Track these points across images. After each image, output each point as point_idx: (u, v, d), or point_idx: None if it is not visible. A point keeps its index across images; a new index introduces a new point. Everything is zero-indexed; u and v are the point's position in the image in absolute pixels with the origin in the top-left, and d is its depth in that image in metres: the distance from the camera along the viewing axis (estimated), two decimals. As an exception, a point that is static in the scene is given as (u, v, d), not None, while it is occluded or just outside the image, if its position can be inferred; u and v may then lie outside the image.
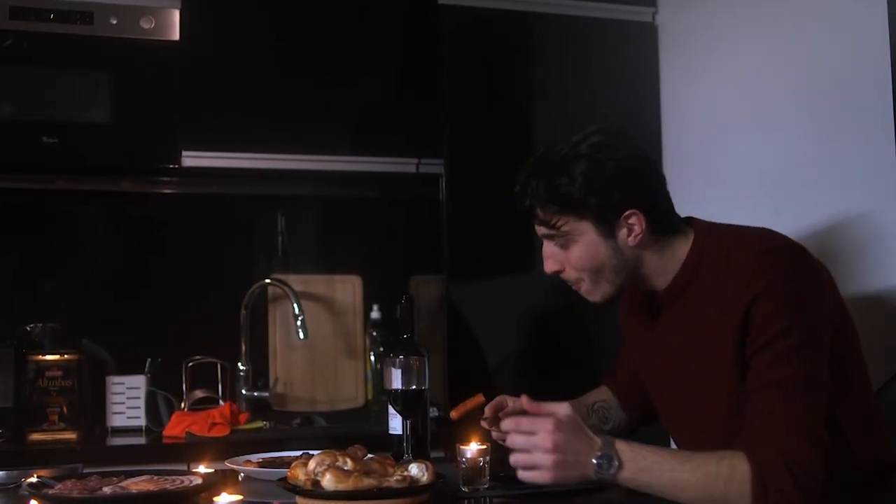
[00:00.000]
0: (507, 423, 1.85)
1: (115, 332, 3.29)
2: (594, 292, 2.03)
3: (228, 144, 3.13)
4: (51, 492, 1.84)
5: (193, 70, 3.10)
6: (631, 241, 1.98)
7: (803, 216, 2.81)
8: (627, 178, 1.97)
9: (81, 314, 3.31)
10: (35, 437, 2.89)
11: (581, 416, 2.12)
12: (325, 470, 1.76)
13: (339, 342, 3.45)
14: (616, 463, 1.79)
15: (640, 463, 1.80)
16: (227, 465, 2.22)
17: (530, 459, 1.78)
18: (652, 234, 1.99)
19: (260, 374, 3.37)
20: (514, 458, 1.80)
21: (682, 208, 2.17)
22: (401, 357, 2.13)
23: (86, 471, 2.13)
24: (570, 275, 2.03)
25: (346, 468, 1.77)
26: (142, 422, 3.08)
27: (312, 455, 1.84)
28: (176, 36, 3.08)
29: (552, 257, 2.03)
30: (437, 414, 2.98)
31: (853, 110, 2.66)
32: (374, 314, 3.42)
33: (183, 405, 3.15)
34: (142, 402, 3.09)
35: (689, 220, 2.08)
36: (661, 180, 2.04)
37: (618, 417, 2.34)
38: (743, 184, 3.03)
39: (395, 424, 2.27)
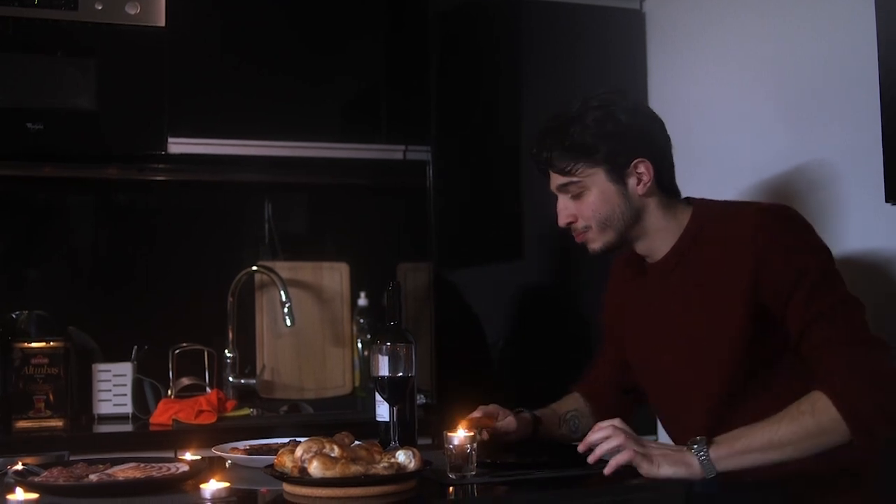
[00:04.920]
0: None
1: (101, 319, 3.29)
2: (598, 240, 2.13)
3: (215, 131, 3.11)
4: (37, 479, 1.84)
5: (180, 56, 3.08)
6: (640, 189, 2.10)
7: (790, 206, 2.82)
8: (636, 128, 2.11)
9: (68, 301, 3.31)
10: (21, 424, 2.88)
11: (553, 425, 2.30)
12: (312, 457, 1.75)
13: (327, 329, 3.45)
14: (705, 444, 1.86)
15: (726, 434, 1.88)
16: (215, 452, 2.22)
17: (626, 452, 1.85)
18: (658, 188, 2.12)
19: (247, 362, 3.37)
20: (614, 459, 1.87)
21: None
22: (388, 344, 2.12)
23: (72, 458, 2.12)
24: (580, 224, 2.13)
25: (333, 455, 1.77)
26: (128, 409, 3.08)
27: (299, 442, 1.84)
28: (162, 22, 3.06)
29: (565, 209, 2.14)
30: (424, 401, 2.98)
31: (841, 100, 2.67)
32: (362, 301, 3.42)
33: (170, 392, 3.15)
34: (128, 390, 3.08)
35: (688, 198, 2.20)
36: (667, 138, 2.17)
37: (588, 426, 2.31)
38: (729, 172, 3.03)
39: (382, 411, 2.27)
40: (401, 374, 2.11)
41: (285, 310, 3.22)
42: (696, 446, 1.87)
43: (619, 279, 2.35)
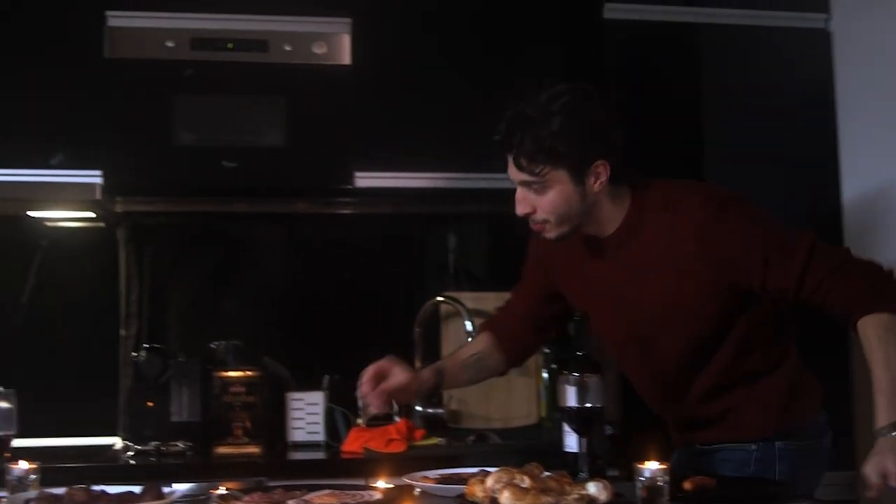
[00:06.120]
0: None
1: (293, 348, 3.39)
2: (553, 231, 2.27)
3: (400, 164, 3.18)
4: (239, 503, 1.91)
5: (364, 92, 3.17)
6: (597, 186, 2.23)
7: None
8: (600, 132, 2.22)
9: (261, 331, 3.43)
10: (221, 450, 2.99)
11: (455, 373, 2.57)
12: (503, 487, 1.76)
13: (512, 359, 3.45)
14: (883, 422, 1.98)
15: (881, 409, 1.99)
16: (405, 480, 2.25)
17: None
18: (610, 183, 2.24)
19: (434, 392, 3.40)
20: None
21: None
22: (576, 374, 2.11)
23: (270, 484, 2.19)
24: (538, 216, 2.26)
25: (523, 485, 1.78)
26: (321, 437, 3.15)
27: (489, 472, 1.85)
28: (347, 60, 3.16)
29: (524, 201, 2.26)
30: (611, 432, 2.95)
31: None
32: (546, 331, 3.40)
33: (360, 421, 3.21)
34: (320, 418, 3.16)
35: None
36: (622, 134, 2.27)
37: (492, 365, 2.61)
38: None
39: (571, 442, 2.25)
40: (589, 404, 2.10)
41: (470, 340, 3.24)
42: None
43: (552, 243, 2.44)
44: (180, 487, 2.12)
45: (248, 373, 3.05)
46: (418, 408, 3.31)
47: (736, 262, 2.17)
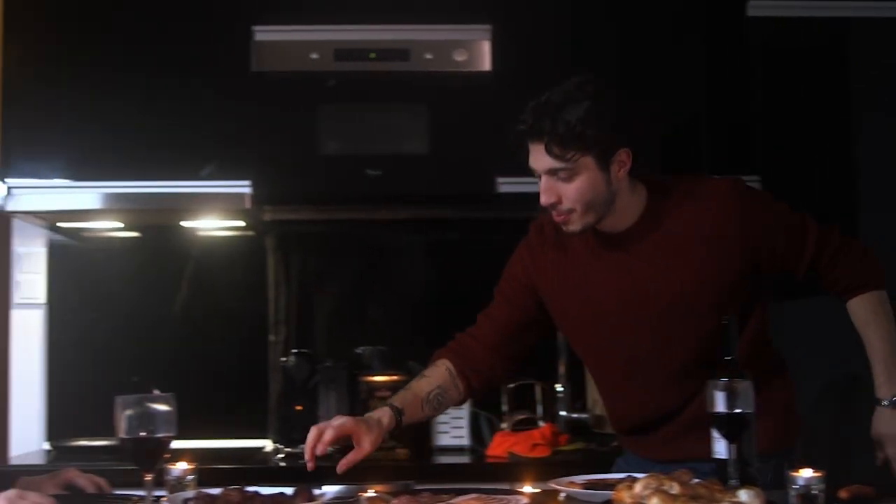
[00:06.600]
0: None
1: (437, 354, 3.42)
2: (578, 221, 2.27)
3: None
4: (390, 507, 1.93)
5: (505, 98, 3.16)
6: (621, 174, 2.26)
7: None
8: (625, 120, 2.26)
9: (405, 336, 3.47)
10: (368, 453, 3.03)
11: (416, 411, 2.45)
12: (652, 493, 1.75)
13: (656, 364, 3.41)
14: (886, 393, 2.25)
15: (880, 381, 2.29)
16: (552, 485, 2.24)
17: None
18: (630, 172, 2.27)
19: (578, 396, 3.39)
20: None
21: None
22: (724, 380, 2.08)
23: (416, 487, 2.21)
24: (564, 206, 2.25)
25: (672, 492, 1.76)
26: (465, 441, 3.18)
27: (637, 478, 1.84)
28: (488, 66, 3.17)
29: (550, 190, 2.25)
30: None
31: None
32: (691, 335, 3.36)
33: (504, 426, 3.22)
34: (465, 423, 3.18)
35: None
36: (644, 127, 2.39)
37: (454, 397, 2.51)
38: None
39: (720, 448, 2.21)
40: (738, 410, 2.06)
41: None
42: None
43: (539, 244, 2.48)
44: (330, 489, 2.16)
45: (394, 377, 3.09)
46: (562, 412, 3.31)
47: (766, 242, 2.29)
